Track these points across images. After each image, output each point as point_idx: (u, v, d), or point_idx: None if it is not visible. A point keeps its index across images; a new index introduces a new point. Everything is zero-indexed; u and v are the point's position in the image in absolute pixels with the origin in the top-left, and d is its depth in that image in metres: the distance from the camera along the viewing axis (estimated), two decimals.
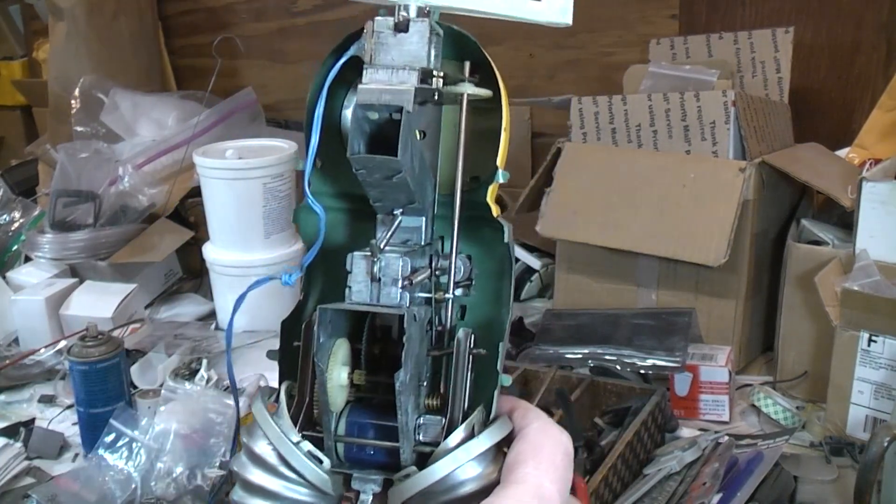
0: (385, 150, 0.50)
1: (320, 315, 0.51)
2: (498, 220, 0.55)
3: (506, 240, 0.55)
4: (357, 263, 0.52)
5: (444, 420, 0.52)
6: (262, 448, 0.51)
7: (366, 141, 0.51)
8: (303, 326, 0.54)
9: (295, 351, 0.54)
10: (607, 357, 1.42)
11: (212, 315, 1.86)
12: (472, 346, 0.53)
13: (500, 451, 0.52)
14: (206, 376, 1.43)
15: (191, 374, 1.42)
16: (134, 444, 1.24)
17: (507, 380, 0.54)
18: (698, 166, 1.51)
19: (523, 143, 2.15)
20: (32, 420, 1.47)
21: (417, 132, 0.55)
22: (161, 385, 1.40)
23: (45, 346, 1.64)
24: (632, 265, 1.61)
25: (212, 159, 1.72)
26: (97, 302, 1.73)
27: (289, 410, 0.53)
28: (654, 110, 1.54)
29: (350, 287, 0.52)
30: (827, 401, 1.34)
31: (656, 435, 1.27)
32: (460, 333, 0.53)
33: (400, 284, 0.52)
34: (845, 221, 1.48)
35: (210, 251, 1.77)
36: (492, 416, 0.53)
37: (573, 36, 2.14)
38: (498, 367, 0.53)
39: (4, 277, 1.89)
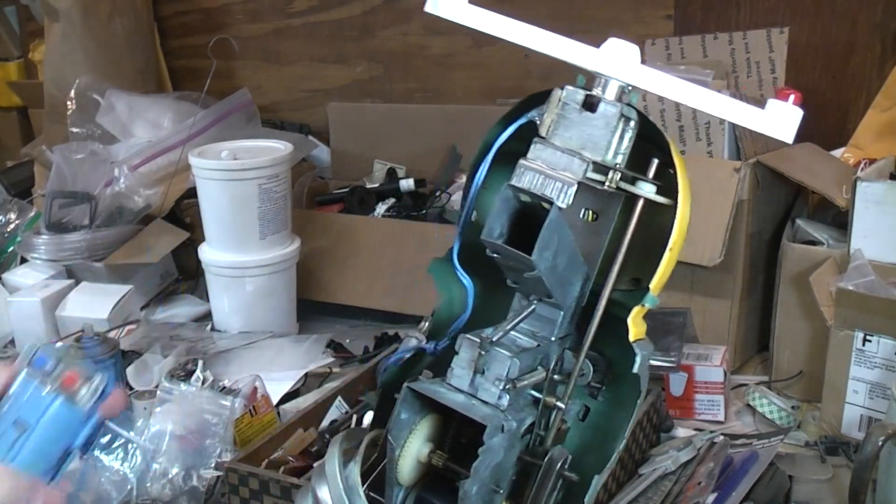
0: (529, 238, 0.44)
1: (405, 392, 0.47)
2: (634, 345, 0.49)
3: (635, 369, 0.48)
4: (465, 348, 0.47)
5: None
6: (323, 494, 0.48)
7: (510, 222, 0.45)
8: (403, 385, 0.49)
9: (393, 403, 0.49)
10: None
11: (207, 316, 1.86)
12: (564, 467, 0.47)
13: None
14: (201, 377, 1.42)
15: (186, 376, 1.42)
16: (130, 446, 1.24)
17: None
18: (693, 166, 1.49)
19: None
20: None
21: (590, 213, 0.50)
22: (157, 386, 1.39)
23: None
24: None
25: (207, 160, 1.72)
26: (93, 303, 1.73)
27: (367, 460, 0.49)
28: (649, 110, 1.54)
29: (452, 369, 0.48)
30: (822, 400, 1.34)
31: (651, 435, 1.27)
32: (555, 452, 0.47)
33: (501, 386, 0.46)
34: (840, 221, 1.49)
35: (206, 252, 1.77)
36: None
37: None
38: (586, 500, 0.48)
39: (0, 279, 1.89)
